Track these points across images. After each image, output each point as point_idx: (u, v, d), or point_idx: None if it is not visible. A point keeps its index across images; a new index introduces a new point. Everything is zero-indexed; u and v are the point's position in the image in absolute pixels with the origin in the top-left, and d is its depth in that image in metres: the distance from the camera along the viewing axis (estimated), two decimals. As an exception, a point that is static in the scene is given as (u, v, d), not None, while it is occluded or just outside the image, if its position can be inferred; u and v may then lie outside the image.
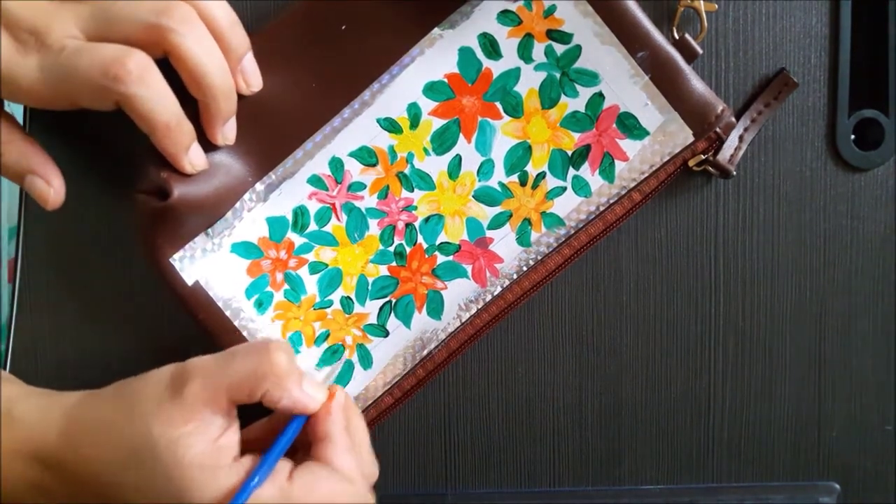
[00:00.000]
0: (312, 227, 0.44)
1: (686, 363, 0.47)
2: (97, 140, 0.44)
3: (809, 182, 0.46)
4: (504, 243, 0.44)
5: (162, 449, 0.36)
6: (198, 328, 0.43)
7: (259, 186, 0.43)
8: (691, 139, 0.43)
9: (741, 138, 0.44)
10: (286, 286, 0.44)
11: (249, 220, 0.43)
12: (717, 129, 0.43)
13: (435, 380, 0.46)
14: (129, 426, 0.37)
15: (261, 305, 0.44)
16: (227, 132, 0.41)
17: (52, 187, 0.41)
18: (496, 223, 0.44)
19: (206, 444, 0.36)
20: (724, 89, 0.45)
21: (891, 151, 0.45)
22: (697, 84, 0.42)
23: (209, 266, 0.42)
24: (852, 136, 0.45)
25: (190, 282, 0.42)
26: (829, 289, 0.46)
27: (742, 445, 0.47)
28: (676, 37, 0.43)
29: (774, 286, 0.46)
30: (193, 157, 0.40)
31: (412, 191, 0.44)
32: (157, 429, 0.36)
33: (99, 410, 0.38)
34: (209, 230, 0.42)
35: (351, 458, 0.39)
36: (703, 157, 0.43)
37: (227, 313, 0.43)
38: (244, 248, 0.43)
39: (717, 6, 0.44)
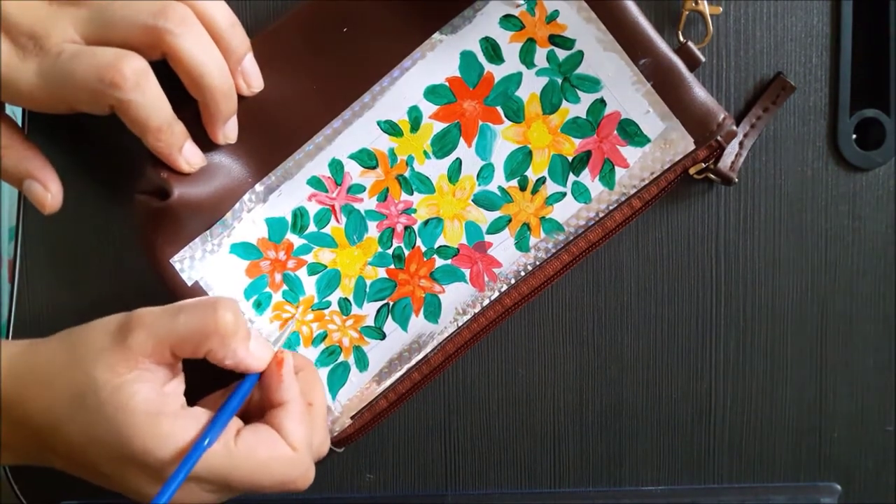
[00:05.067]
0: (311, 228, 0.44)
1: (687, 364, 0.47)
2: (97, 140, 0.44)
3: (811, 182, 0.46)
4: (503, 248, 0.44)
5: (107, 394, 0.36)
6: None
7: (259, 187, 0.43)
8: (692, 147, 0.43)
9: (741, 144, 0.44)
10: (285, 287, 0.44)
11: (249, 221, 0.43)
12: (719, 138, 0.42)
13: (435, 380, 0.46)
14: (73, 371, 0.37)
15: (259, 306, 0.44)
16: (227, 131, 0.41)
17: (49, 192, 0.41)
18: (495, 227, 0.44)
19: (151, 391, 0.36)
20: (726, 89, 0.45)
21: (892, 151, 0.45)
22: (699, 92, 0.42)
23: (209, 267, 0.42)
24: (853, 136, 0.45)
25: (190, 283, 0.42)
26: (830, 289, 0.46)
27: (743, 446, 0.47)
28: (682, 40, 0.43)
29: (776, 286, 0.46)
30: (189, 156, 0.41)
31: (412, 194, 0.44)
32: (101, 375, 0.36)
33: (42, 356, 0.38)
34: (209, 231, 0.42)
35: (301, 427, 0.38)
36: (703, 164, 0.43)
37: None
38: (243, 249, 0.43)
39: (721, 9, 0.44)
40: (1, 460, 0.40)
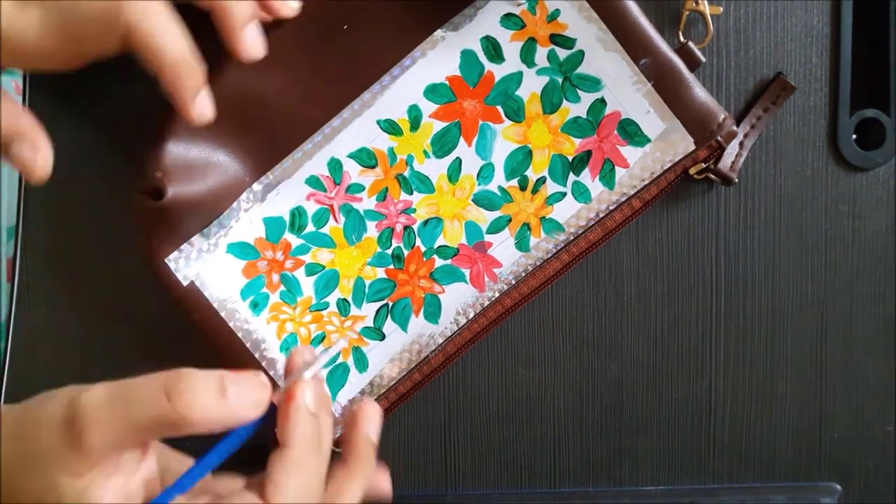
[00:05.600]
0: (310, 228, 0.44)
1: (687, 364, 0.47)
2: (97, 140, 0.44)
3: (811, 182, 0.46)
4: (503, 248, 0.44)
5: (70, 499, 0.32)
6: (193, 329, 0.43)
7: (256, 187, 0.43)
8: (692, 147, 0.42)
9: (741, 144, 0.44)
10: (282, 287, 0.44)
11: (246, 221, 0.43)
12: (719, 138, 0.42)
13: (435, 380, 0.45)
14: (32, 473, 0.33)
15: (256, 307, 0.43)
16: (200, 107, 0.38)
17: (39, 152, 0.37)
18: (495, 227, 0.44)
19: (117, 488, 0.33)
20: (726, 88, 0.45)
21: (892, 151, 0.45)
22: (700, 92, 0.42)
23: (205, 266, 0.42)
24: (853, 136, 0.45)
25: (185, 282, 0.42)
26: (830, 289, 0.46)
27: (743, 446, 0.47)
28: (682, 40, 0.43)
29: (775, 286, 0.46)
30: (200, 106, 0.37)
31: (411, 193, 0.44)
32: (61, 479, 0.32)
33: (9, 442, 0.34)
34: (205, 230, 0.42)
35: (294, 479, 0.34)
36: (704, 165, 0.43)
37: (223, 314, 0.43)
38: (240, 249, 0.43)
39: (721, 9, 0.44)
40: None
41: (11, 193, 0.55)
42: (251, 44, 0.38)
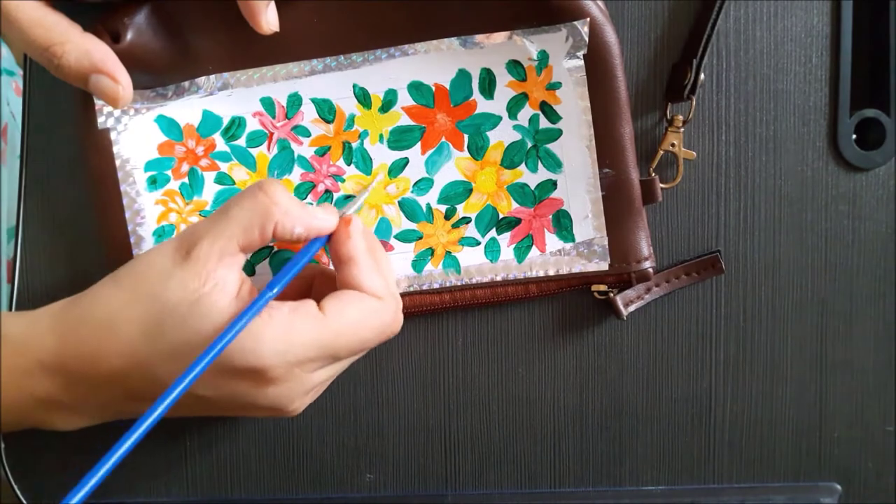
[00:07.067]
0: (241, 142, 0.44)
1: (687, 363, 0.46)
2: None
3: (811, 182, 0.45)
4: (399, 258, 0.45)
5: (185, 312, 0.36)
6: (84, 174, 0.43)
7: (214, 78, 0.43)
8: (605, 269, 0.44)
9: (648, 290, 0.45)
10: (186, 180, 0.44)
11: (188, 104, 0.43)
12: (632, 273, 0.43)
13: (435, 380, 0.45)
14: (138, 305, 0.36)
15: (153, 184, 0.43)
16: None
17: (119, 84, 0.39)
18: (404, 237, 0.45)
19: (230, 297, 0.36)
20: (726, 89, 0.45)
21: (892, 151, 0.45)
22: (639, 225, 0.43)
23: (127, 121, 0.42)
24: (853, 136, 0.45)
25: (101, 126, 0.42)
26: (830, 289, 0.46)
27: (743, 446, 0.47)
28: (651, 174, 0.44)
29: (775, 286, 0.46)
30: (271, 16, 0.40)
31: (349, 164, 0.44)
32: (174, 296, 0.36)
33: (94, 304, 0.38)
34: (145, 91, 0.42)
35: (377, 277, 0.39)
36: (606, 288, 0.44)
37: (119, 174, 0.42)
38: (168, 125, 0.43)
39: (695, 154, 0.44)
40: (74, 425, 0.40)
41: (11, 194, 0.55)
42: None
